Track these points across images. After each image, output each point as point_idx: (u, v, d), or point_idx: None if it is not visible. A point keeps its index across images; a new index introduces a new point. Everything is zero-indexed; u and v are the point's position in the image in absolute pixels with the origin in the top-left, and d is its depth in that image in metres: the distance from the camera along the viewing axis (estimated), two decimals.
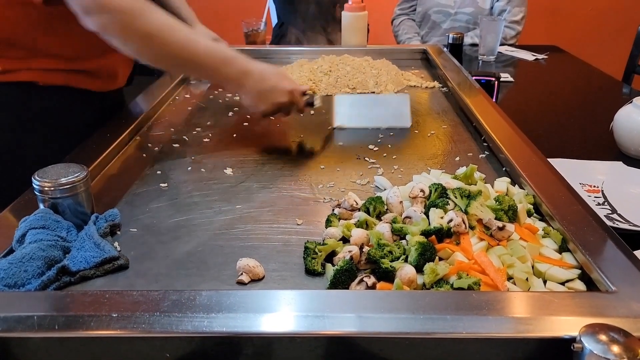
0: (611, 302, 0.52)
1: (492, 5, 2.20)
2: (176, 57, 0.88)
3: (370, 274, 0.60)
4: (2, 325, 0.49)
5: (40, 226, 0.65)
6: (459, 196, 0.69)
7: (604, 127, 1.18)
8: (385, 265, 0.59)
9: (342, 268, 0.59)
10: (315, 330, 0.49)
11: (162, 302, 0.51)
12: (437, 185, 0.72)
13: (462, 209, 0.68)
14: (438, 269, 0.58)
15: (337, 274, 0.59)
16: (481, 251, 0.62)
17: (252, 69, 0.93)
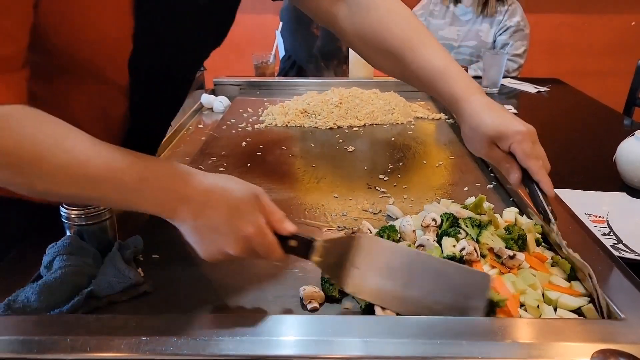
0: (620, 329, 0.54)
1: (494, 39, 2.26)
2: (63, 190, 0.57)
3: None
4: (37, 347, 0.51)
5: (67, 252, 0.67)
6: (470, 225, 0.72)
7: (607, 158, 1.21)
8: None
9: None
10: (335, 354, 0.51)
11: (189, 326, 0.54)
12: (449, 215, 0.75)
13: (474, 237, 0.70)
14: None
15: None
16: (496, 277, 0.65)
17: (189, 189, 0.58)
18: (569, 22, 3.36)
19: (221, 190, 0.58)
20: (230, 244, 0.58)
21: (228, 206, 0.58)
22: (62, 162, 0.55)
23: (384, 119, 1.34)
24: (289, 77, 2.10)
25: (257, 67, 1.93)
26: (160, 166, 0.60)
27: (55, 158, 0.55)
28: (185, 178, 0.59)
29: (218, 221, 0.57)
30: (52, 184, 0.56)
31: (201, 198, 0.58)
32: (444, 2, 2.33)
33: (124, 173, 0.57)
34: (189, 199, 0.58)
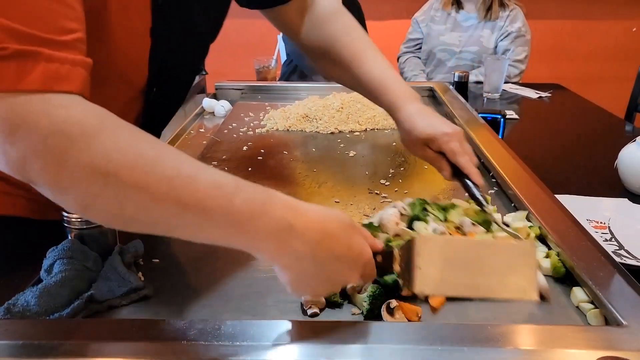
0: (623, 336, 0.54)
1: (496, 44, 2.26)
2: (161, 212, 0.49)
3: (392, 300, 0.62)
4: (36, 351, 0.51)
5: (67, 256, 0.67)
6: (436, 209, 0.77)
7: (609, 164, 1.21)
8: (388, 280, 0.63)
9: (375, 294, 0.61)
10: None
11: (189, 331, 0.53)
12: (416, 201, 0.78)
13: (441, 219, 0.75)
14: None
15: (372, 301, 0.61)
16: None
17: (300, 223, 0.52)
18: (570, 28, 3.36)
19: (332, 217, 0.54)
20: (352, 271, 0.54)
21: (344, 232, 0.54)
22: (167, 176, 0.48)
23: (385, 124, 1.34)
24: (291, 82, 2.10)
25: (258, 71, 1.93)
26: (267, 192, 0.53)
27: (159, 171, 0.48)
28: (297, 206, 0.53)
29: (339, 250, 0.53)
30: (148, 202, 0.48)
31: (317, 227, 0.52)
32: (445, 8, 2.34)
33: (235, 192, 0.50)
34: (305, 229, 0.51)
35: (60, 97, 0.48)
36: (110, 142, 0.47)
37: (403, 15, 3.01)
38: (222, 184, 0.50)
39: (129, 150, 0.48)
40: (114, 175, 0.47)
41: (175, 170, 0.49)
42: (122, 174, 0.47)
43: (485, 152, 1.07)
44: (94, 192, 0.47)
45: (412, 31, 2.47)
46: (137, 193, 0.48)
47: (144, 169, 0.48)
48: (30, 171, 0.47)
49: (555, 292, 0.67)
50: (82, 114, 0.48)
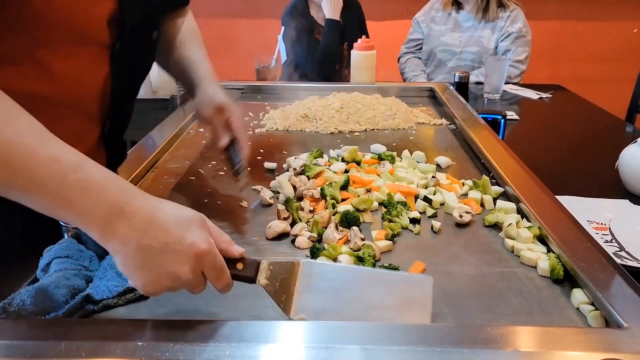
0: (623, 338, 0.53)
1: (496, 45, 2.26)
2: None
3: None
4: (31, 351, 0.50)
5: (64, 255, 0.67)
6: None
7: (609, 165, 1.20)
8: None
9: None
10: None
11: (186, 332, 0.53)
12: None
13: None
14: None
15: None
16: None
17: (133, 205, 0.52)
18: (570, 29, 3.36)
19: (168, 209, 0.54)
20: (181, 264, 0.52)
21: (177, 224, 0.53)
22: (7, 136, 0.49)
23: (385, 124, 1.33)
24: (291, 82, 2.09)
25: (258, 71, 1.93)
26: (108, 175, 0.54)
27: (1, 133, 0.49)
28: (132, 193, 0.54)
29: (166, 239, 0.52)
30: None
31: (147, 215, 0.52)
32: (446, 8, 2.33)
33: (72, 171, 0.51)
34: (134, 214, 0.52)
35: None
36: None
37: (403, 15, 3.00)
38: (64, 159, 0.51)
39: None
40: None
41: (19, 134, 0.50)
42: None
43: (486, 153, 1.06)
44: None
45: (413, 31, 2.46)
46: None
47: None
48: None
49: (555, 294, 0.66)
50: None
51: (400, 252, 0.76)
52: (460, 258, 0.74)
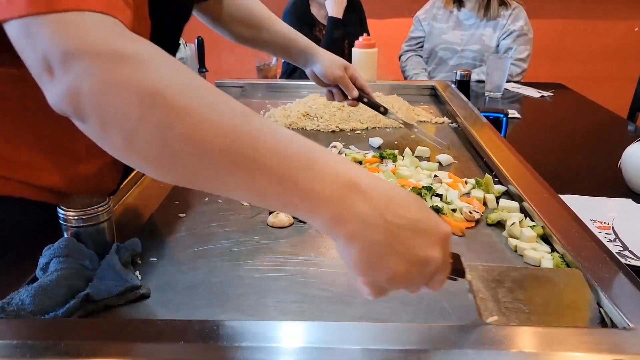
0: (629, 339, 0.53)
1: (497, 43, 2.25)
2: (210, 148, 0.43)
3: None
4: (30, 352, 0.50)
5: (64, 255, 0.66)
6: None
7: (612, 164, 1.20)
8: None
9: None
10: None
11: (186, 332, 0.52)
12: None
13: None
14: None
15: None
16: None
17: (365, 181, 0.45)
18: (572, 27, 3.35)
19: (395, 184, 0.50)
20: (432, 247, 0.46)
21: (415, 201, 0.47)
22: (217, 105, 0.45)
23: (386, 123, 1.33)
24: (292, 80, 2.09)
25: (259, 69, 1.92)
26: (327, 151, 0.47)
27: (209, 99, 0.45)
28: (357, 166, 0.47)
29: (413, 216, 0.45)
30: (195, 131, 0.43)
31: (384, 190, 0.45)
32: (447, 6, 2.32)
33: (292, 141, 0.45)
34: (371, 189, 0.44)
35: (114, 21, 0.48)
36: (161, 66, 0.46)
37: (405, 13, 3.00)
38: (277, 129, 0.46)
39: (179, 75, 0.46)
40: (160, 95, 0.43)
41: (226, 103, 0.46)
42: (169, 96, 0.43)
43: (488, 151, 1.06)
44: (139, 114, 0.43)
45: (414, 29, 2.46)
46: (184, 117, 0.43)
47: (193, 94, 0.45)
48: (80, 96, 0.44)
49: None
50: (135, 40, 0.47)
51: None
52: (463, 257, 0.73)
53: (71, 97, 0.45)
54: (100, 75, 0.44)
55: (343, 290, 0.66)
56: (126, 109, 0.44)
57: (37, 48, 0.46)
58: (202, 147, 0.43)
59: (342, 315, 0.62)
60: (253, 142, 0.44)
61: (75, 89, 0.45)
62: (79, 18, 0.46)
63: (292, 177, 0.43)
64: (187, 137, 0.43)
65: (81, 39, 0.45)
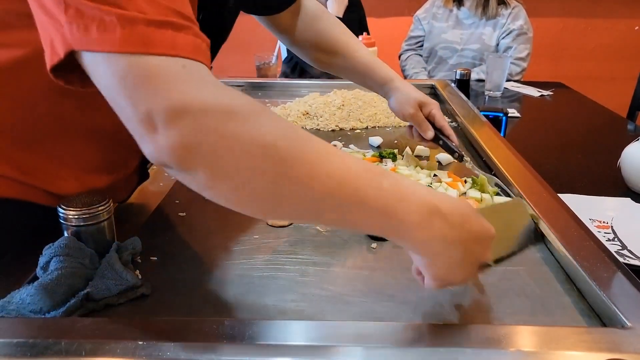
0: (627, 338, 0.53)
1: (497, 42, 2.25)
2: (313, 189, 0.48)
3: None
4: (31, 350, 0.50)
5: (64, 254, 0.66)
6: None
7: (611, 163, 1.20)
8: None
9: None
10: None
11: (186, 331, 0.53)
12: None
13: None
14: None
15: None
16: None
17: (442, 204, 0.53)
18: (572, 26, 3.35)
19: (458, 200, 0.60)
20: (487, 250, 0.57)
21: (475, 214, 0.56)
22: (322, 153, 0.49)
23: (386, 122, 1.33)
24: (291, 79, 2.09)
25: (259, 68, 1.92)
26: (411, 181, 0.56)
27: (315, 150, 0.49)
28: (434, 191, 0.56)
29: (477, 229, 0.55)
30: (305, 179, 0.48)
31: (459, 209, 0.54)
32: (447, 5, 2.32)
33: (383, 174, 0.52)
34: (449, 211, 0.53)
35: (204, 69, 0.49)
36: (263, 118, 0.48)
37: (404, 12, 3.00)
38: (369, 166, 0.52)
39: (282, 126, 0.49)
40: (273, 147, 0.47)
41: (325, 147, 0.50)
42: (280, 147, 0.47)
43: (487, 151, 1.06)
44: (252, 167, 0.46)
45: (414, 29, 2.46)
46: (296, 167, 0.47)
47: (299, 143, 0.49)
48: (189, 152, 0.46)
49: (558, 293, 0.66)
50: (233, 93, 0.49)
51: (402, 251, 0.76)
52: None
53: (178, 152, 0.46)
54: (210, 132, 0.45)
55: (342, 289, 0.66)
56: (238, 162, 0.46)
57: (133, 93, 0.46)
58: (311, 192, 0.48)
59: (342, 315, 0.62)
60: (354, 182, 0.50)
61: (183, 145, 0.45)
62: (176, 63, 0.46)
63: (388, 210, 0.50)
64: (298, 185, 0.48)
65: (186, 93, 0.45)
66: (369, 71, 1.05)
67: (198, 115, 0.45)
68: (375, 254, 0.75)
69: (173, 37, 0.47)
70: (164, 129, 0.45)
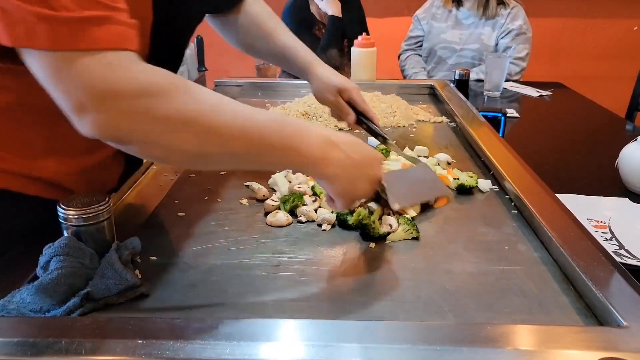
0: (623, 337, 0.53)
1: (496, 42, 2.25)
2: (231, 145, 0.60)
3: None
4: (31, 350, 0.50)
5: (64, 253, 0.66)
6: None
7: (609, 163, 1.20)
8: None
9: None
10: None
11: (186, 330, 0.53)
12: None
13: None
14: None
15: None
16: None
17: (335, 138, 0.67)
18: (571, 26, 3.35)
19: (349, 134, 0.70)
20: (379, 168, 0.71)
21: (363, 143, 0.70)
22: (232, 116, 0.60)
23: (385, 122, 1.33)
24: (291, 79, 2.09)
25: (258, 68, 1.93)
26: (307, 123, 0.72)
27: (226, 113, 0.60)
28: (327, 129, 0.68)
29: (367, 151, 0.70)
30: (223, 139, 0.59)
31: (347, 139, 0.68)
32: (446, 5, 2.33)
33: (284, 122, 0.65)
34: (339, 140, 0.67)
35: (129, 55, 0.55)
36: (181, 92, 0.57)
37: (404, 12, 3.00)
38: (273, 117, 0.66)
39: (201, 100, 0.58)
40: (193, 119, 0.57)
41: (240, 112, 0.61)
42: (202, 119, 0.57)
43: (486, 151, 1.06)
44: (175, 137, 0.57)
45: (413, 29, 2.46)
46: (214, 134, 0.59)
47: (216, 113, 0.59)
48: (120, 131, 0.55)
49: (555, 292, 0.66)
50: (155, 73, 0.57)
51: (400, 250, 0.76)
52: (460, 256, 0.74)
53: (109, 132, 0.55)
54: (135, 113, 0.55)
55: (341, 288, 0.67)
56: (163, 135, 0.56)
57: (65, 86, 0.53)
58: (231, 148, 0.60)
59: (340, 314, 0.62)
60: (264, 132, 0.62)
61: (112, 127, 0.55)
62: (101, 58, 0.53)
63: (293, 150, 0.63)
64: (219, 145, 0.60)
65: (110, 80, 0.53)
66: (290, 55, 1.05)
67: (122, 100, 0.53)
68: (374, 254, 0.75)
69: (96, 31, 0.53)
70: (93, 114, 0.54)
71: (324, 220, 0.82)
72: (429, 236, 0.80)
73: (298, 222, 0.83)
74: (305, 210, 0.83)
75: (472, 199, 0.93)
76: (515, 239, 0.79)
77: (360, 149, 0.69)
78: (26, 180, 0.75)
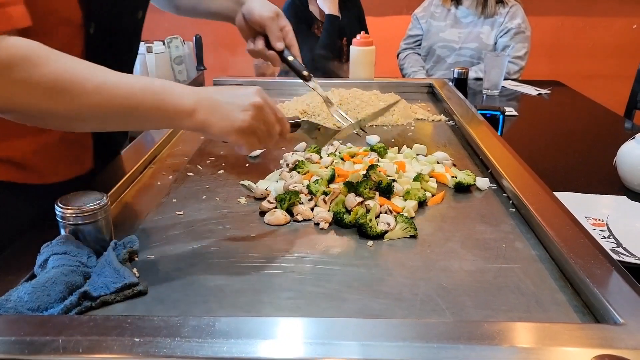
0: (619, 334, 0.53)
1: (495, 41, 2.26)
2: (105, 107, 0.64)
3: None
4: (28, 348, 0.50)
5: (62, 252, 0.67)
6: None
7: (607, 161, 1.20)
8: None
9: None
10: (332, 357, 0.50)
11: (183, 328, 0.53)
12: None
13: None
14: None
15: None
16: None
17: (204, 89, 0.72)
18: (570, 25, 3.35)
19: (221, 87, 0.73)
20: (255, 97, 0.71)
21: (236, 88, 0.73)
22: (101, 80, 0.64)
23: (384, 120, 1.33)
24: (289, 78, 2.09)
25: (257, 67, 1.92)
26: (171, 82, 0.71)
27: (95, 78, 0.63)
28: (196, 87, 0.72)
29: (234, 88, 0.72)
30: (93, 102, 0.63)
31: (216, 88, 0.72)
32: (445, 4, 2.33)
33: (152, 81, 0.68)
34: (206, 90, 0.71)
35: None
36: (44, 60, 0.61)
37: (403, 11, 3.00)
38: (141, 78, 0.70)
39: (69, 66, 0.63)
40: (60, 87, 0.61)
41: (110, 75, 0.65)
42: (66, 84, 0.62)
43: (484, 149, 1.06)
44: (48, 103, 0.62)
45: (412, 27, 2.46)
46: (86, 98, 0.63)
47: (86, 77, 0.63)
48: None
49: (552, 290, 0.66)
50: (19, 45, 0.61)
51: (398, 249, 0.76)
52: (457, 254, 0.74)
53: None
54: (5, 82, 0.60)
55: (338, 286, 0.67)
56: (37, 102, 0.62)
57: None
58: (102, 109, 0.65)
59: (338, 312, 0.62)
60: (135, 95, 0.66)
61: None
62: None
63: (166, 107, 0.68)
64: (91, 109, 0.64)
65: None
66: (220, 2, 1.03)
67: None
68: (371, 252, 0.75)
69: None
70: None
71: (321, 219, 0.82)
72: (427, 234, 0.80)
73: (295, 221, 0.83)
74: (301, 209, 0.84)
75: (470, 197, 0.93)
76: (512, 237, 0.79)
77: (233, 89, 0.72)
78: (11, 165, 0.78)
